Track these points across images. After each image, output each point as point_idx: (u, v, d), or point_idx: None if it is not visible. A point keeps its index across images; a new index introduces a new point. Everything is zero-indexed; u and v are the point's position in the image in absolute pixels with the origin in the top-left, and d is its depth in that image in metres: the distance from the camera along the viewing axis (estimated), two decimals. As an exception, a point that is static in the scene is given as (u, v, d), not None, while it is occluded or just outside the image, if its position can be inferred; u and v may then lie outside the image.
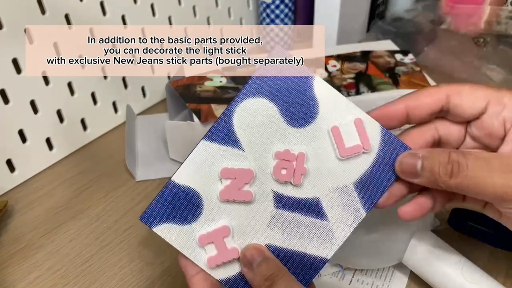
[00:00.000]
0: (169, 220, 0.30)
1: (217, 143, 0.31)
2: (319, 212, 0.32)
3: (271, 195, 0.31)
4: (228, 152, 0.31)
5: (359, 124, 0.32)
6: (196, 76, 0.57)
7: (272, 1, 0.74)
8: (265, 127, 0.31)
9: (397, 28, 0.76)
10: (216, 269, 0.31)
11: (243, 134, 0.31)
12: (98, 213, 0.50)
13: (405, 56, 0.62)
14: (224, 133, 0.31)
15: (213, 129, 0.31)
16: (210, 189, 0.31)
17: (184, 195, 0.30)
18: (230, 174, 0.30)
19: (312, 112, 0.32)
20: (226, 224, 0.31)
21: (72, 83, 0.56)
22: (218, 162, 0.31)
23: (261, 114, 0.31)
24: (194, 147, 0.30)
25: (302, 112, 0.31)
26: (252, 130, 0.31)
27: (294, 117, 0.31)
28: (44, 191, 0.53)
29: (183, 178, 0.30)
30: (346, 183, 0.32)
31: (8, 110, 0.50)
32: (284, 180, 0.31)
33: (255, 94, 0.31)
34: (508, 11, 0.72)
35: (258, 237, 0.31)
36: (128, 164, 0.55)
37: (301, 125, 0.32)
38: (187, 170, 0.30)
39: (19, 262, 0.45)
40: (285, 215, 0.31)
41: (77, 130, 0.59)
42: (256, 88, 0.31)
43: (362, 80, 0.57)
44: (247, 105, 0.31)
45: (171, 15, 0.65)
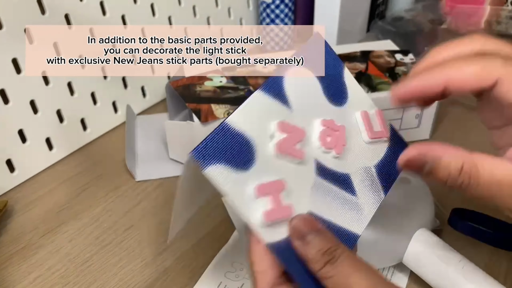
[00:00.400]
0: (223, 162, 0.26)
1: (270, 97, 0.30)
2: (351, 188, 0.32)
3: (313, 161, 0.30)
4: (279, 107, 0.30)
5: (380, 114, 0.35)
6: (196, 76, 0.57)
7: (272, 1, 0.74)
8: (310, 95, 0.32)
9: (397, 28, 0.76)
10: (269, 228, 0.27)
11: (292, 95, 0.31)
12: (98, 213, 0.50)
13: (405, 56, 0.62)
14: (277, 89, 0.30)
15: (268, 82, 0.30)
16: (263, 140, 0.28)
17: (239, 139, 0.28)
18: (287, 129, 0.29)
19: (344, 95, 0.34)
20: (281, 178, 0.28)
21: (72, 83, 0.56)
22: (271, 115, 0.29)
23: (307, 83, 0.32)
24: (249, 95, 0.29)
25: (337, 93, 0.33)
26: (300, 94, 0.31)
27: (332, 95, 0.33)
28: (44, 191, 0.53)
29: (238, 123, 0.28)
30: (369, 164, 0.33)
31: (8, 110, 0.50)
32: (328, 147, 0.31)
33: (304, 65, 0.32)
34: (508, 11, 0.72)
35: (304, 201, 0.29)
36: (128, 164, 0.55)
37: (338, 104, 0.33)
38: (241, 115, 0.28)
39: (19, 262, 0.45)
40: (325, 185, 0.31)
41: (77, 130, 0.59)
42: (305, 59, 0.32)
43: (362, 80, 0.57)
44: (297, 72, 0.31)
45: (171, 15, 0.65)
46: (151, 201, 0.52)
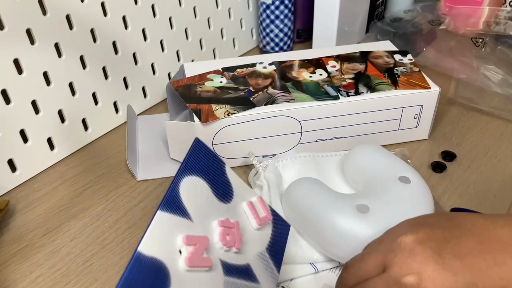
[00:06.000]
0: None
1: (171, 213, 0.31)
2: (253, 276, 0.35)
3: (219, 263, 0.33)
4: (181, 221, 0.32)
5: (261, 201, 0.38)
6: (196, 76, 0.58)
7: (272, 2, 0.74)
8: (204, 200, 0.34)
9: (396, 28, 0.76)
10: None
11: (189, 206, 0.33)
12: (99, 213, 0.51)
13: (404, 56, 0.62)
14: (175, 205, 0.32)
15: (166, 199, 0.32)
16: (173, 258, 0.30)
17: (153, 266, 0.29)
18: (193, 241, 0.31)
19: (230, 190, 0.37)
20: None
21: (73, 83, 0.56)
22: (176, 231, 0.31)
23: (199, 189, 0.34)
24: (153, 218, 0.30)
25: (224, 191, 0.36)
26: (196, 203, 0.33)
27: (220, 194, 0.36)
28: (46, 191, 0.54)
29: (148, 250, 0.29)
30: (262, 249, 0.37)
31: (10, 110, 0.50)
32: (229, 245, 0.34)
33: (191, 172, 0.34)
34: (507, 11, 0.72)
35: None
36: (129, 164, 0.55)
37: (227, 201, 0.36)
38: (150, 241, 0.29)
39: (21, 261, 0.46)
40: (233, 281, 0.33)
41: (78, 130, 0.59)
42: (193, 167, 0.34)
43: (361, 80, 0.57)
44: (189, 181, 0.34)
45: (172, 15, 0.66)
46: (152, 201, 0.52)
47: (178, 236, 0.31)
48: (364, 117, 0.55)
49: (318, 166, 0.52)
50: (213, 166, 0.36)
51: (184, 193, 0.33)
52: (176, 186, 0.33)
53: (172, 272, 0.29)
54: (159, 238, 0.30)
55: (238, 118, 0.52)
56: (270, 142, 0.54)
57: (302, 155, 0.53)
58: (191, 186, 0.34)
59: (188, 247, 0.30)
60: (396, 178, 0.45)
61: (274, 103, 0.53)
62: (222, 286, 0.32)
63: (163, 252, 0.29)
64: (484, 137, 0.60)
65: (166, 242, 0.30)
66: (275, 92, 0.55)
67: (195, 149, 0.36)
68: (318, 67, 0.60)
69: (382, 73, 0.58)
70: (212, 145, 0.53)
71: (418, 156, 0.57)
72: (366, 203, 0.42)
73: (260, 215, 0.38)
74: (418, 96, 0.55)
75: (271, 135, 0.54)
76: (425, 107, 0.56)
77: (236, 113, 0.51)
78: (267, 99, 0.54)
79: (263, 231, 0.38)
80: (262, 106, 0.52)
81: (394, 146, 0.58)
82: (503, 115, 0.62)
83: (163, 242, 0.30)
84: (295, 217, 0.44)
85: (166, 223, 0.31)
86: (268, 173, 0.49)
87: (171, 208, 0.31)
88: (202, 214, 0.33)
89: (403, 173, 0.45)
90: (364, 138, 0.57)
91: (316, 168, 0.52)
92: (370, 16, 0.81)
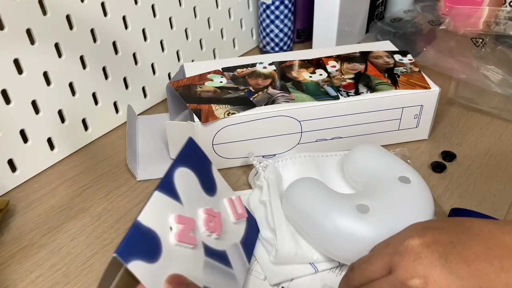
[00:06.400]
0: (139, 258, 0.32)
1: (166, 195, 0.36)
2: (228, 262, 0.40)
3: (202, 244, 0.37)
4: (173, 203, 0.37)
5: (239, 200, 0.44)
6: (196, 76, 0.58)
7: (272, 2, 0.74)
8: (193, 190, 0.40)
9: (396, 28, 0.76)
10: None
11: (181, 192, 0.38)
12: (99, 213, 0.51)
13: (404, 56, 0.62)
14: (170, 188, 0.37)
15: (163, 182, 0.37)
16: (165, 232, 0.35)
17: (149, 235, 0.33)
18: (182, 220, 0.36)
19: (214, 186, 0.43)
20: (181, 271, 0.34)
21: (73, 83, 0.56)
22: (168, 210, 0.36)
23: (190, 180, 0.40)
24: (151, 196, 0.35)
25: (210, 186, 0.42)
26: (186, 190, 0.38)
27: (207, 188, 0.41)
28: (46, 191, 0.54)
29: (146, 220, 0.34)
30: (237, 241, 0.42)
31: (10, 110, 0.50)
32: (211, 231, 0.38)
33: (184, 164, 0.39)
34: (507, 11, 0.72)
35: (199, 278, 0.36)
36: (129, 164, 0.55)
37: (212, 195, 0.42)
38: (148, 213, 0.34)
39: (21, 261, 0.46)
40: (212, 262, 0.38)
41: (78, 130, 0.59)
42: (186, 160, 0.40)
43: (361, 80, 0.57)
44: (182, 171, 0.39)
45: (172, 15, 0.66)
46: (152, 201, 0.52)
47: (170, 215, 0.36)
48: (364, 117, 0.55)
49: (318, 166, 0.52)
50: (202, 163, 0.42)
51: (177, 180, 0.38)
52: (171, 173, 0.38)
53: (163, 243, 0.34)
54: (155, 213, 0.35)
55: (238, 118, 0.52)
56: (270, 142, 0.54)
57: (302, 155, 0.53)
58: (183, 175, 0.39)
59: (178, 225, 0.35)
60: (396, 178, 0.45)
61: (274, 103, 0.53)
62: (202, 264, 0.37)
63: (157, 225, 0.34)
64: (484, 137, 0.60)
65: (160, 218, 0.35)
66: (275, 92, 0.55)
67: (189, 146, 0.41)
68: (318, 67, 0.60)
69: (382, 73, 0.58)
70: (212, 145, 0.53)
71: (418, 156, 0.57)
72: (366, 203, 0.42)
73: (238, 212, 0.43)
74: (418, 96, 0.55)
75: (271, 135, 0.54)
76: (425, 107, 0.56)
77: (236, 113, 0.51)
78: (267, 99, 0.54)
79: (239, 226, 0.43)
80: (262, 106, 0.53)
81: (394, 146, 0.58)
82: (503, 115, 0.62)
83: (158, 217, 0.35)
84: (295, 217, 0.44)
85: (161, 202, 0.36)
86: (268, 173, 0.49)
87: (166, 190, 0.36)
88: (191, 201, 0.38)
89: (403, 173, 0.45)
90: (364, 138, 0.57)
91: (316, 168, 0.52)
92: (370, 16, 0.81)
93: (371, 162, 0.48)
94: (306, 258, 0.43)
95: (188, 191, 0.39)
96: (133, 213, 0.50)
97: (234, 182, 0.54)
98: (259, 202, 0.48)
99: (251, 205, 0.49)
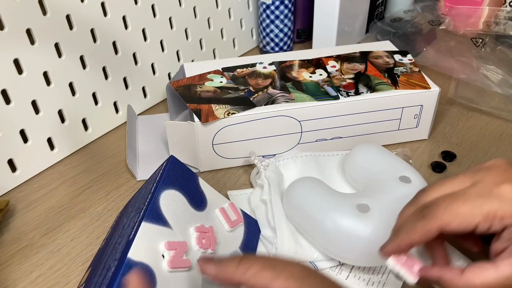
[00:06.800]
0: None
1: (154, 224, 0.36)
2: None
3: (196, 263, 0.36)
4: (163, 230, 0.37)
5: (233, 206, 0.44)
6: (196, 76, 0.58)
7: (272, 2, 0.74)
8: (181, 210, 0.39)
9: (396, 28, 0.76)
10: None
11: (169, 216, 0.38)
12: (99, 213, 0.51)
13: (404, 56, 0.62)
14: (157, 216, 0.37)
15: (148, 211, 0.37)
16: (158, 261, 0.35)
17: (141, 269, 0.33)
18: (173, 246, 0.36)
19: (204, 200, 0.43)
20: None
21: (73, 83, 0.56)
22: (158, 238, 0.36)
23: (176, 201, 0.39)
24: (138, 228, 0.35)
25: (199, 201, 0.42)
26: (174, 213, 0.38)
27: (196, 204, 0.41)
28: (46, 191, 0.54)
29: (136, 255, 0.34)
30: (236, 247, 0.42)
31: (10, 110, 0.50)
32: (205, 248, 0.39)
33: (169, 187, 0.40)
34: (507, 11, 0.72)
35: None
36: (129, 164, 0.55)
37: (202, 209, 0.42)
38: (137, 248, 0.34)
39: (21, 261, 0.46)
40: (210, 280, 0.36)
41: (78, 130, 0.59)
42: (170, 182, 0.40)
43: (361, 80, 0.57)
44: (167, 195, 0.39)
45: (172, 15, 0.66)
46: (152, 201, 0.52)
47: (161, 243, 0.36)
48: (364, 117, 0.55)
49: (319, 165, 0.52)
50: (188, 179, 0.42)
51: (163, 205, 0.38)
52: (156, 199, 0.38)
53: (157, 274, 0.34)
54: (144, 246, 0.35)
55: (238, 118, 0.52)
56: (270, 142, 0.54)
57: (303, 154, 0.53)
58: (169, 198, 0.39)
59: (169, 252, 0.35)
60: (396, 177, 0.45)
61: (274, 103, 0.53)
62: (200, 282, 0.37)
63: (148, 257, 0.34)
64: (484, 137, 0.60)
65: (151, 249, 0.35)
66: (275, 92, 0.55)
67: (171, 165, 0.41)
68: (318, 67, 0.60)
69: (382, 73, 0.58)
70: (212, 145, 0.53)
71: (418, 156, 0.57)
72: (367, 203, 0.42)
73: (232, 219, 0.43)
74: (418, 96, 0.55)
75: (271, 135, 0.54)
76: (425, 107, 0.56)
77: (236, 113, 0.52)
78: (267, 99, 0.54)
79: (236, 232, 0.43)
80: (262, 106, 0.53)
81: (394, 146, 0.58)
82: (503, 115, 0.62)
83: (148, 248, 0.35)
84: (295, 216, 0.44)
85: (149, 232, 0.36)
86: (269, 172, 0.49)
87: (153, 219, 0.37)
88: (180, 222, 0.39)
89: (404, 173, 0.45)
90: (364, 138, 0.57)
91: (317, 168, 0.52)
92: (370, 16, 0.81)
93: (372, 161, 0.48)
94: (306, 257, 0.43)
95: (176, 213, 0.39)
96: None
97: (234, 181, 0.54)
98: (260, 200, 0.48)
99: (252, 204, 0.49)
